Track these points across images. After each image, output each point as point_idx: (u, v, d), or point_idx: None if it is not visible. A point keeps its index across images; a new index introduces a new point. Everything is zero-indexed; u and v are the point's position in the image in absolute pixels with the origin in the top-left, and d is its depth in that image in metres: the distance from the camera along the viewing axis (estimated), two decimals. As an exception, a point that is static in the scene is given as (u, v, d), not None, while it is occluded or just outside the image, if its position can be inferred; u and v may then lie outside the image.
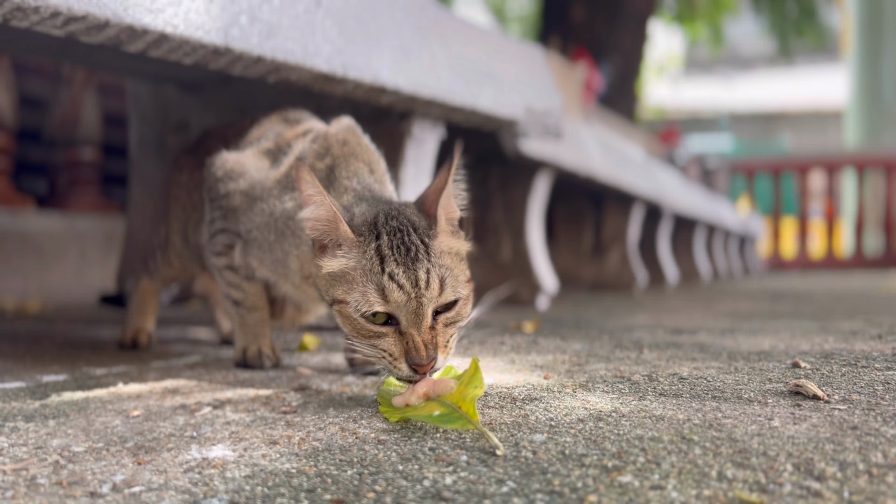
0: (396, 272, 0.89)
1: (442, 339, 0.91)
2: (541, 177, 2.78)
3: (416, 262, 0.90)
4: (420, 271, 0.89)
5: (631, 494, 0.60)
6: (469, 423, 0.79)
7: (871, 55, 10.60)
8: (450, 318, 0.92)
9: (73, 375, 1.24)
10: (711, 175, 7.32)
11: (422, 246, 0.92)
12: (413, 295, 0.89)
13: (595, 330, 1.80)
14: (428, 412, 0.84)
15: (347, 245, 0.94)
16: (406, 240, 0.92)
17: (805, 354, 1.28)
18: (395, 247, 0.91)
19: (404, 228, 0.93)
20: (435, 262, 0.91)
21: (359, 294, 0.90)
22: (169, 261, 1.53)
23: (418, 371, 0.89)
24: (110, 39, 1.14)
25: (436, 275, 0.90)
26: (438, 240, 0.94)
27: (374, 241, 0.92)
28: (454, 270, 0.93)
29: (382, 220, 0.95)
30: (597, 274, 4.09)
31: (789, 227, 9.08)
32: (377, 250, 0.91)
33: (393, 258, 0.90)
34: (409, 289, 0.89)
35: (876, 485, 0.61)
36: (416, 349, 0.88)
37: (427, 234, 0.93)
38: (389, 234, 0.92)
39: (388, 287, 0.89)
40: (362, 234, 0.94)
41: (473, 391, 0.83)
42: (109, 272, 3.10)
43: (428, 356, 0.88)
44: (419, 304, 0.89)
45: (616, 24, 6.86)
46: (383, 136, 1.83)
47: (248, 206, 1.21)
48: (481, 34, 1.99)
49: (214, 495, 0.63)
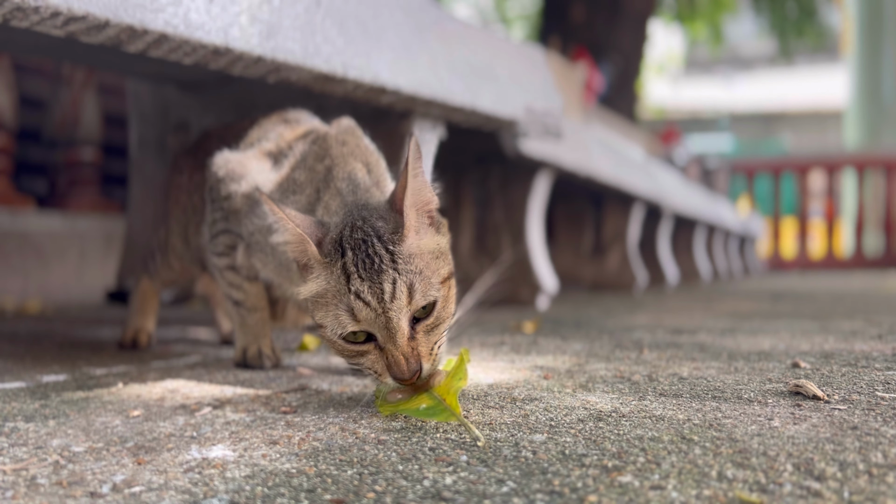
0: (361, 289, 0.86)
1: (425, 348, 0.88)
2: (541, 177, 2.78)
3: (380, 273, 0.87)
4: (385, 283, 0.86)
5: (631, 494, 0.60)
6: (452, 416, 0.82)
7: (871, 55, 10.60)
8: (429, 324, 0.89)
9: (74, 375, 1.24)
10: (711, 175, 7.32)
11: (386, 255, 0.88)
12: (380, 310, 0.86)
13: (595, 330, 1.80)
14: (416, 405, 0.86)
15: (318, 267, 0.91)
16: (370, 251, 0.88)
17: (805, 354, 1.28)
18: (360, 262, 0.88)
19: (368, 239, 0.89)
20: (402, 269, 0.87)
21: (332, 318, 0.88)
22: (169, 263, 1.53)
23: (403, 384, 0.87)
24: (110, 39, 1.14)
25: (402, 283, 0.86)
26: (407, 242, 0.90)
27: (340, 260, 0.89)
28: (425, 273, 0.89)
29: (348, 233, 0.91)
30: (597, 274, 4.09)
31: (789, 227, 9.08)
32: (343, 268, 0.89)
33: (357, 275, 0.87)
34: (375, 304, 0.86)
35: (876, 485, 0.61)
36: (397, 364, 0.86)
37: (392, 240, 0.90)
38: (354, 248, 0.89)
39: (356, 306, 0.86)
40: (329, 254, 0.91)
41: (457, 383, 0.85)
42: (110, 272, 3.10)
43: (410, 369, 0.86)
44: (387, 318, 0.86)
45: (616, 24, 6.86)
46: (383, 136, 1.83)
47: (250, 209, 1.21)
48: (481, 34, 1.99)
49: (214, 495, 0.63)
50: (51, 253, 3.15)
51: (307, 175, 1.13)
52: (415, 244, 0.91)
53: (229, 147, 1.34)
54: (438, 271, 0.91)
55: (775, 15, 9.61)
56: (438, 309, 0.89)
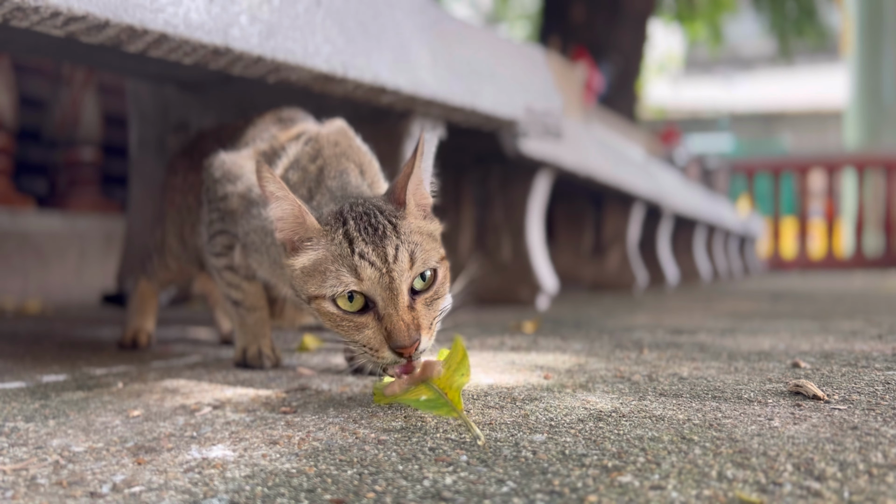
0: (366, 251, 0.89)
1: (425, 321, 0.89)
2: (541, 177, 2.78)
3: (384, 238, 0.90)
4: (389, 247, 0.89)
5: (631, 494, 0.60)
6: (453, 412, 0.81)
7: (871, 55, 10.60)
8: (428, 297, 0.91)
9: (73, 375, 1.24)
10: (711, 175, 7.33)
11: (389, 225, 0.92)
12: (384, 270, 0.88)
13: (595, 330, 1.80)
14: (416, 396, 0.85)
15: (316, 236, 0.93)
16: (373, 221, 0.92)
17: (805, 354, 1.28)
18: (363, 229, 0.91)
19: (370, 212, 0.93)
20: (404, 238, 0.91)
21: (333, 279, 0.89)
22: (166, 264, 1.54)
23: (403, 354, 0.87)
24: (110, 39, 1.14)
25: (405, 249, 0.90)
26: (407, 220, 0.94)
27: (342, 227, 0.92)
28: (424, 245, 0.92)
29: (347, 208, 0.95)
30: (597, 274, 4.09)
31: (789, 227, 9.08)
32: (345, 234, 0.91)
33: (361, 238, 0.90)
34: (380, 264, 0.88)
35: (876, 485, 0.61)
36: (397, 330, 0.86)
37: (395, 215, 0.94)
38: (356, 218, 0.93)
39: (360, 265, 0.88)
40: (328, 223, 0.93)
41: (460, 379, 0.84)
42: (109, 272, 3.10)
43: (410, 337, 0.86)
44: (391, 278, 0.87)
45: (616, 24, 6.86)
46: (383, 136, 1.83)
47: (245, 210, 1.21)
48: (481, 34, 1.99)
49: (214, 495, 0.63)
50: (51, 253, 3.15)
51: (300, 175, 1.14)
52: (413, 224, 0.95)
53: (224, 147, 1.34)
54: (436, 250, 0.95)
55: (775, 15, 9.61)
56: (438, 283, 0.92)
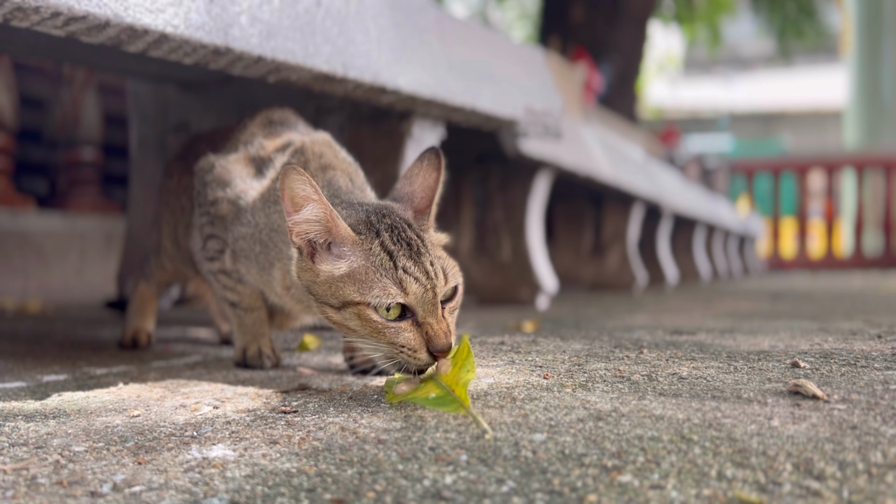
0: (409, 266, 0.93)
1: (453, 327, 0.96)
2: (541, 177, 2.78)
3: (420, 255, 0.95)
4: (426, 263, 0.94)
5: (631, 494, 0.60)
6: (461, 408, 0.84)
7: (871, 55, 10.60)
8: (452, 306, 0.98)
9: (74, 375, 1.24)
10: (711, 175, 7.32)
11: (418, 240, 0.97)
12: (428, 286, 0.93)
13: (595, 330, 1.80)
14: (425, 394, 0.89)
15: (349, 245, 0.95)
16: (405, 235, 0.96)
17: (804, 354, 1.28)
18: (397, 241, 0.95)
19: (399, 225, 0.98)
20: (434, 254, 0.97)
21: (378, 290, 0.92)
22: (162, 265, 1.55)
23: (437, 357, 0.93)
24: (111, 39, 1.14)
25: (439, 266, 0.96)
26: (429, 233, 1.01)
27: (376, 238, 0.95)
28: (447, 260, 0.99)
29: (375, 218, 0.98)
30: (597, 274, 4.09)
31: (789, 227, 9.08)
32: (382, 246, 0.95)
33: (401, 253, 0.94)
34: (424, 280, 0.93)
35: (875, 484, 0.61)
36: (438, 336, 0.92)
37: (421, 228, 1.00)
38: (387, 230, 0.96)
39: (406, 280, 0.92)
40: (361, 232, 0.96)
41: (466, 375, 0.89)
42: (110, 272, 3.10)
43: (448, 341, 0.93)
44: (434, 293, 0.93)
45: (616, 24, 6.86)
46: (383, 136, 1.83)
47: (234, 216, 1.22)
48: (481, 34, 1.99)
49: (215, 495, 0.63)
50: (51, 253, 3.15)
51: None
52: (434, 236, 1.02)
53: (218, 150, 1.34)
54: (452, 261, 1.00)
55: (774, 15, 9.61)
56: (458, 294, 0.99)
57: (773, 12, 9.57)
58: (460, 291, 1.00)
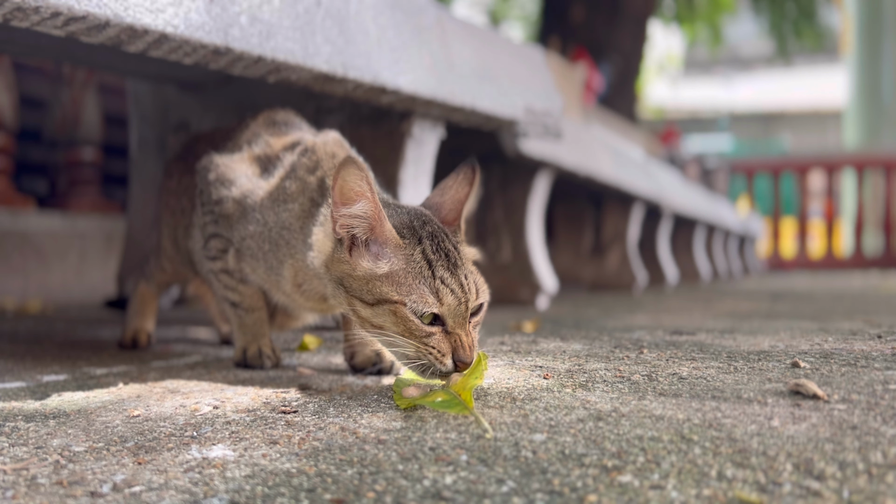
0: (446, 277, 0.95)
1: (476, 342, 0.98)
2: (541, 177, 2.78)
3: (456, 268, 0.97)
4: (461, 277, 0.96)
5: (631, 494, 0.60)
6: (465, 409, 0.87)
7: (871, 55, 10.60)
8: (477, 321, 0.99)
9: (74, 375, 1.24)
10: (711, 175, 7.33)
11: (456, 252, 0.99)
12: (462, 299, 0.95)
13: (595, 330, 1.80)
14: (432, 398, 0.91)
15: (391, 247, 0.96)
16: (444, 245, 0.98)
17: (805, 354, 1.28)
18: (436, 250, 0.96)
19: (439, 235, 0.99)
20: (469, 268, 0.99)
21: (417, 295, 0.94)
22: (162, 266, 1.54)
23: (459, 368, 0.94)
24: (111, 40, 1.14)
25: (472, 280, 0.97)
26: (463, 246, 1.02)
27: (418, 246, 0.96)
28: (478, 276, 1.00)
29: (419, 224, 0.99)
30: (597, 274, 4.09)
31: (789, 227, 9.08)
32: (423, 254, 0.96)
33: (440, 263, 0.96)
34: (459, 293, 0.95)
35: (875, 484, 0.61)
36: (464, 348, 0.94)
37: (458, 240, 1.02)
38: (429, 238, 0.97)
39: (442, 291, 0.94)
40: (405, 236, 0.97)
41: (473, 381, 0.93)
42: (110, 272, 3.10)
43: (472, 355, 0.95)
44: (466, 307, 0.95)
45: (616, 24, 6.86)
46: (383, 136, 1.83)
47: (241, 215, 1.21)
48: (481, 34, 1.99)
49: (215, 495, 0.63)
50: (51, 253, 3.15)
51: (298, 185, 1.15)
52: (467, 251, 1.03)
53: (219, 150, 1.34)
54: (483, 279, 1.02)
55: (774, 15, 9.61)
56: (483, 310, 1.00)
57: (773, 12, 9.57)
58: (485, 308, 1.01)
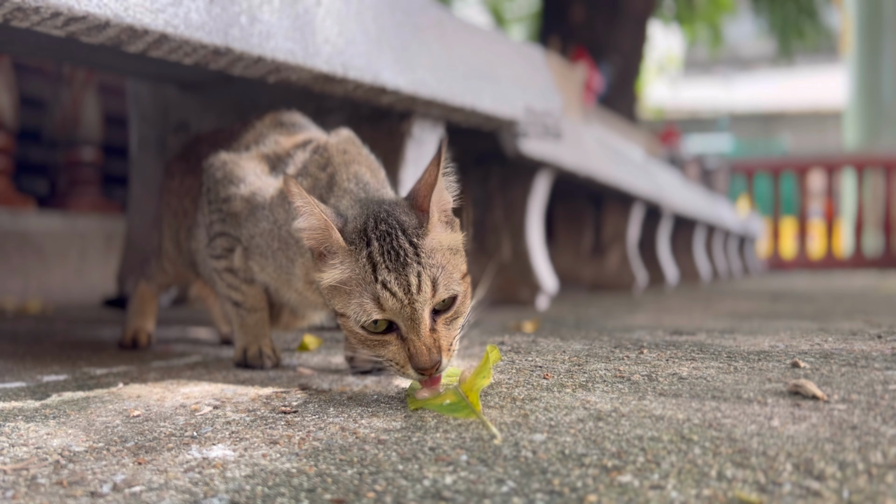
0: (388, 279, 0.89)
1: (445, 342, 0.92)
2: (541, 177, 2.78)
3: (405, 266, 0.90)
4: (411, 276, 0.89)
5: (631, 494, 0.60)
6: (472, 413, 0.85)
7: (871, 55, 10.60)
8: (448, 317, 0.93)
9: (74, 375, 1.24)
10: (711, 175, 7.33)
11: (410, 248, 0.91)
12: (406, 301, 0.89)
13: (595, 330, 1.80)
14: (440, 401, 0.90)
15: (341, 254, 0.94)
16: (394, 243, 0.91)
17: (804, 354, 1.28)
18: (385, 252, 0.91)
19: (393, 232, 0.92)
20: (426, 262, 0.91)
21: (356, 305, 0.90)
22: (163, 267, 1.54)
23: (424, 373, 0.90)
24: (111, 40, 1.14)
25: (427, 276, 0.90)
26: (430, 237, 0.94)
27: (366, 249, 0.92)
28: (447, 268, 0.92)
29: (372, 224, 0.94)
30: (597, 274, 4.09)
31: (789, 227, 9.08)
32: (369, 257, 0.91)
33: (384, 265, 0.90)
34: (402, 295, 0.89)
35: (875, 484, 0.61)
36: (419, 354, 0.89)
37: (416, 233, 0.93)
38: (379, 238, 0.92)
39: (383, 295, 0.89)
40: (353, 242, 0.93)
41: (480, 381, 0.89)
42: (110, 272, 3.10)
43: (431, 360, 0.89)
44: (413, 309, 0.89)
45: (616, 24, 6.86)
46: (383, 136, 1.83)
47: (249, 213, 1.21)
48: (481, 34, 1.99)
49: (215, 495, 0.63)
50: (51, 253, 3.15)
51: (309, 182, 1.14)
52: (436, 240, 0.94)
53: (224, 150, 1.34)
54: (458, 267, 0.95)
55: (775, 15, 9.61)
56: (458, 304, 0.93)
57: (773, 12, 9.57)
58: (461, 301, 0.94)
